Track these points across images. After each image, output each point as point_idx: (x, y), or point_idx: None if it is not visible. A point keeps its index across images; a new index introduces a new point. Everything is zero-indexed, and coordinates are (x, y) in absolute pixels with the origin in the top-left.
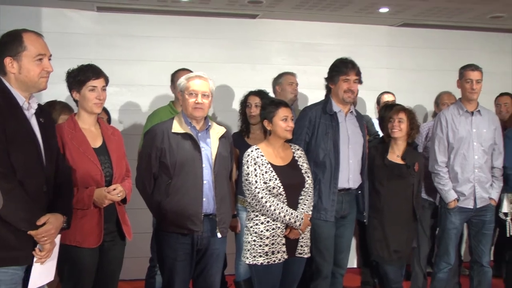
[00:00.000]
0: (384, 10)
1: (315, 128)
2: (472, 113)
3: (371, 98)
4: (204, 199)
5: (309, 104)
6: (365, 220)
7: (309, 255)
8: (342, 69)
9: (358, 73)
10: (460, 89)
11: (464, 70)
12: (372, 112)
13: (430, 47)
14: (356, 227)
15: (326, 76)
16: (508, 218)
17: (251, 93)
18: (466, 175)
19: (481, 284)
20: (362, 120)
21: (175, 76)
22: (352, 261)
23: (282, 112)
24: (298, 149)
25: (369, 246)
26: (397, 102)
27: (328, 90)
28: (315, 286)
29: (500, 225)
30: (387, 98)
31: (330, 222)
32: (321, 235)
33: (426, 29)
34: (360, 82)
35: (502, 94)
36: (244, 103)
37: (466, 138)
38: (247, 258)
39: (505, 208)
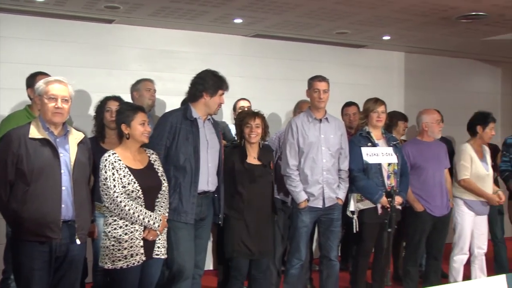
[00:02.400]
0: (238, 21)
1: (176, 133)
2: (320, 120)
3: (226, 105)
4: (63, 206)
5: (166, 110)
6: (220, 222)
7: (165, 256)
8: (222, 84)
9: None
10: (309, 98)
11: (312, 80)
12: (228, 119)
13: (281, 58)
14: (213, 229)
15: (193, 83)
16: (355, 216)
17: (110, 98)
18: (315, 177)
19: (330, 276)
20: (218, 127)
21: (31, 80)
22: (209, 263)
23: (140, 117)
24: (152, 153)
25: (229, 244)
26: (252, 109)
27: (193, 97)
28: None
29: (347, 223)
30: (243, 104)
31: (190, 225)
32: (182, 237)
33: (278, 41)
34: None
35: (349, 104)
36: (102, 108)
37: (315, 143)
38: (106, 263)
39: (352, 206)
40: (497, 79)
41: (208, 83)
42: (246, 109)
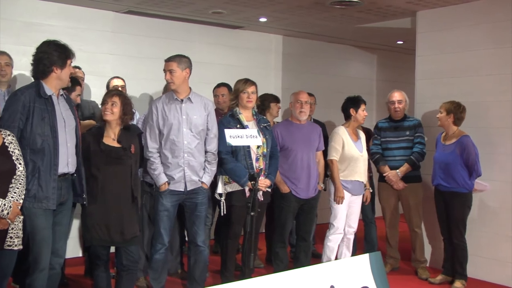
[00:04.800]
0: None
1: (30, 113)
2: (182, 100)
3: (95, 84)
4: None
5: None
6: (85, 203)
7: (20, 247)
8: (69, 53)
9: None
10: None
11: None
12: (99, 98)
13: (154, 36)
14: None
15: (38, 59)
16: (222, 198)
17: None
18: (175, 160)
19: (197, 262)
20: (71, 102)
21: None
22: (77, 250)
23: None
24: (9, 135)
25: (86, 231)
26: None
27: (42, 74)
28: (32, 281)
29: (220, 206)
30: (117, 83)
31: (49, 211)
32: (39, 225)
33: (151, 18)
34: None
35: (219, 85)
36: None
37: (175, 124)
38: None
39: (219, 189)
40: (373, 65)
41: (54, 56)
42: (119, 88)
